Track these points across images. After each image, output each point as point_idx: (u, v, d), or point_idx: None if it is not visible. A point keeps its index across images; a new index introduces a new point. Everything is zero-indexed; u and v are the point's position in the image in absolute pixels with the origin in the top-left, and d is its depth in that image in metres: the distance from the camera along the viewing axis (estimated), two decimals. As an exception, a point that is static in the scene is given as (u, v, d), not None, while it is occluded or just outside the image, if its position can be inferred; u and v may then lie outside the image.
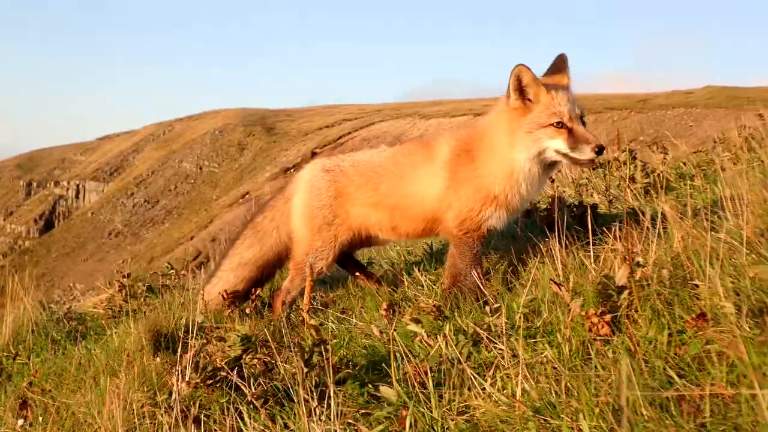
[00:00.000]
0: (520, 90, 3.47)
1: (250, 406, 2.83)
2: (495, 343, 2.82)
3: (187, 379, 3.00)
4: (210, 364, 3.05)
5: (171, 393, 3.05)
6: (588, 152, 3.36)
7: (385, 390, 2.65)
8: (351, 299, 4.25)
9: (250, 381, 2.93)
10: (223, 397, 2.95)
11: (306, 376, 2.81)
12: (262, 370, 3.10)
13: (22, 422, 3.55)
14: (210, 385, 3.01)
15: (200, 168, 56.13)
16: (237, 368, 3.02)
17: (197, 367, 3.03)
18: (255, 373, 3.06)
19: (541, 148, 3.45)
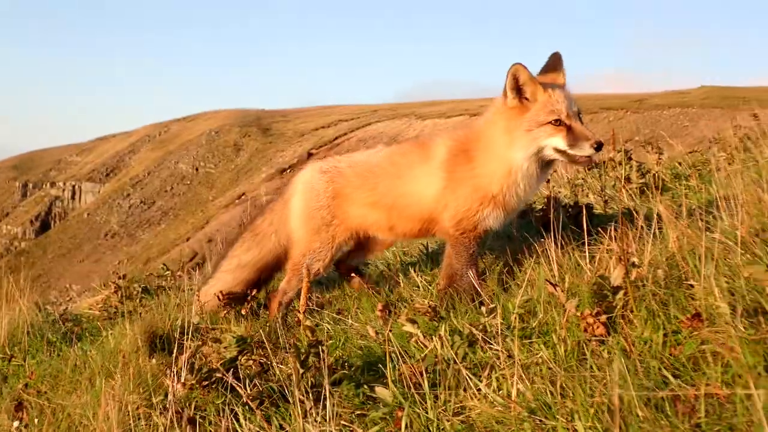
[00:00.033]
0: (517, 89, 3.48)
1: (246, 407, 2.83)
2: (490, 344, 2.82)
3: (183, 381, 3.00)
4: (205, 366, 3.05)
5: (166, 394, 3.05)
6: (587, 149, 3.37)
7: (381, 391, 2.65)
8: (347, 300, 4.26)
9: (246, 382, 2.93)
10: (219, 399, 2.95)
11: (301, 377, 2.81)
12: (258, 371, 3.10)
13: (18, 424, 3.53)
14: (205, 387, 3.01)
15: (196, 169, 56.05)
16: (232, 369, 3.02)
17: (193, 369, 3.03)
18: (250, 374, 3.05)
19: (540, 146, 3.46)
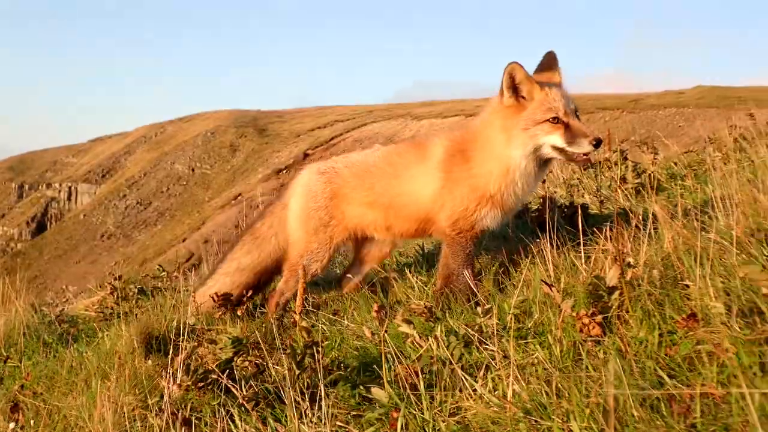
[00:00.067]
0: (514, 87, 3.48)
1: (241, 409, 2.83)
2: (486, 345, 2.82)
3: (179, 382, 3.00)
4: (201, 367, 3.05)
5: (162, 395, 3.04)
6: (586, 145, 3.36)
7: (377, 392, 2.65)
8: (343, 301, 4.25)
9: (242, 383, 2.92)
10: (214, 400, 2.95)
11: (297, 378, 2.80)
12: (254, 373, 3.10)
13: (14, 425, 3.53)
14: (201, 388, 3.01)
15: (192, 170, 55.99)
16: (228, 370, 3.01)
17: (188, 370, 3.03)
18: (246, 376, 3.05)
19: (538, 145, 3.46)
